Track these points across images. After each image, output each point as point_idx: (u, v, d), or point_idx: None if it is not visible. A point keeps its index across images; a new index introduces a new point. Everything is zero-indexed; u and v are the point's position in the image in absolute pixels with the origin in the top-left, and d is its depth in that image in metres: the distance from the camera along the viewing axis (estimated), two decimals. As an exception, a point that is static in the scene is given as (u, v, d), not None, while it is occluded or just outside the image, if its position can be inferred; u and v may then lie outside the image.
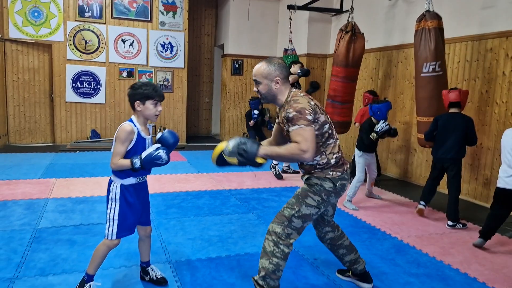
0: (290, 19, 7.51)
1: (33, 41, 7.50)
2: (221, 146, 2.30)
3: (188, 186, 5.18)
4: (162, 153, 2.28)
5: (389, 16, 6.41)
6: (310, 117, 2.20)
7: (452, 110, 4.09)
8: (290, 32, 7.57)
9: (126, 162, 2.26)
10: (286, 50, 7.67)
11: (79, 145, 7.60)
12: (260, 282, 2.28)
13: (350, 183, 4.59)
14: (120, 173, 2.34)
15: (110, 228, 2.36)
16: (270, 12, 9.15)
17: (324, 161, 2.33)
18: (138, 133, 2.35)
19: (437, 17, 4.58)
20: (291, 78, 5.47)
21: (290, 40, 7.57)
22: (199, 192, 4.95)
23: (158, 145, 2.32)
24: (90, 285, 2.39)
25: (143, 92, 2.32)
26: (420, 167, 5.81)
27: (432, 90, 4.60)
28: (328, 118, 2.35)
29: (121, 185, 2.35)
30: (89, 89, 7.95)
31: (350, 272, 2.79)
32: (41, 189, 4.74)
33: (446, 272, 3.03)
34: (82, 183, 5.11)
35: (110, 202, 2.38)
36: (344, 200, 4.56)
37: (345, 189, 2.43)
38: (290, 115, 2.20)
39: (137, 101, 2.33)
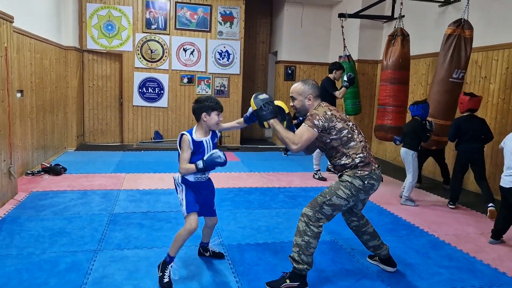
0: (342, 26, 7.74)
1: (106, 51, 8.38)
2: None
3: (241, 183, 5.64)
4: (219, 153, 2.70)
5: (439, 23, 6.51)
6: (317, 122, 2.63)
7: (469, 114, 4.61)
8: (344, 39, 7.76)
9: (191, 166, 2.66)
10: (340, 57, 7.74)
11: (144, 145, 8.37)
12: (296, 258, 2.67)
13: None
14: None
15: (183, 207, 2.72)
16: (323, 20, 9.45)
17: (349, 160, 2.68)
18: (192, 139, 2.71)
19: (472, 28, 4.80)
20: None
21: (345, 47, 7.72)
22: (251, 188, 5.39)
23: (216, 150, 2.76)
24: (171, 266, 2.72)
25: (209, 104, 2.71)
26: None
27: (457, 96, 4.87)
28: (348, 125, 2.71)
29: (182, 177, 2.76)
30: (154, 94, 8.72)
31: (377, 257, 3.10)
32: (113, 182, 5.43)
33: (477, 266, 3.22)
34: (148, 178, 5.74)
35: (177, 189, 2.78)
36: (401, 201, 4.91)
37: (374, 189, 2.75)
38: (306, 117, 2.72)
39: (204, 113, 2.71)
